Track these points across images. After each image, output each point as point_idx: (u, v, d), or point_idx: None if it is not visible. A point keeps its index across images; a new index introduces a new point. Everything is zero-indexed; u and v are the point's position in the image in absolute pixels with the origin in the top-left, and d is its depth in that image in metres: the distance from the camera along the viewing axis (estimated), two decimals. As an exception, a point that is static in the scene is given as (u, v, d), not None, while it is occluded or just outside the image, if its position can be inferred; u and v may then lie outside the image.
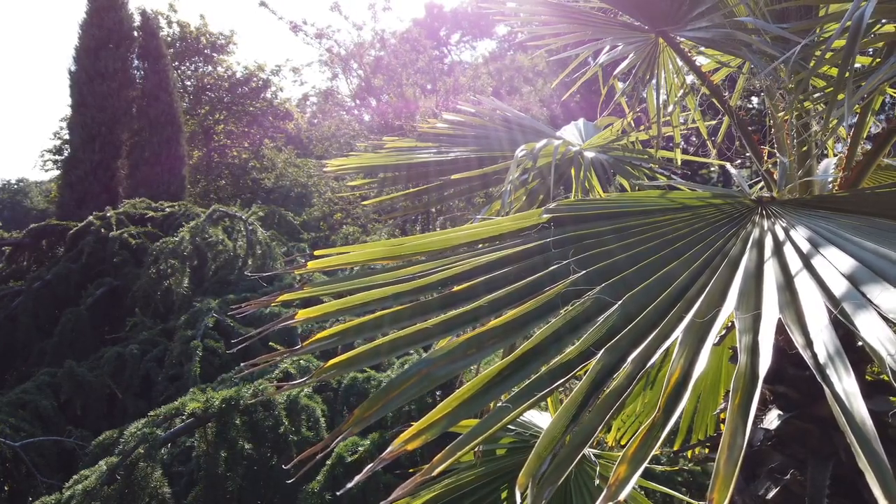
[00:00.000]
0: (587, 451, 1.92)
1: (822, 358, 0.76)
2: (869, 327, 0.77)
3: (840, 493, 1.18)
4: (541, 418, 2.08)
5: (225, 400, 3.40)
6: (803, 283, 0.91)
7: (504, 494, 1.83)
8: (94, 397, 5.23)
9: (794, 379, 1.30)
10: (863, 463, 0.63)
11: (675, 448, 2.17)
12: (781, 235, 1.08)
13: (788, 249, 1.03)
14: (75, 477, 3.20)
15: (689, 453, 2.49)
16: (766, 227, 1.13)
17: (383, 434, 3.37)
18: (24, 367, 6.36)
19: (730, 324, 1.06)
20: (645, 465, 0.69)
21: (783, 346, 1.26)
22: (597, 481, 1.82)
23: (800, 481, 1.21)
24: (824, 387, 0.72)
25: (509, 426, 1.97)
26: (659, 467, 3.03)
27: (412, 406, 3.39)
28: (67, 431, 4.77)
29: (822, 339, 0.79)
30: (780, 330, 0.85)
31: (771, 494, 1.25)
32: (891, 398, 1.27)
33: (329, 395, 4.07)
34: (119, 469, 3.12)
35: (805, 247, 1.01)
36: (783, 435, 1.29)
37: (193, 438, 3.67)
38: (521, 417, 2.03)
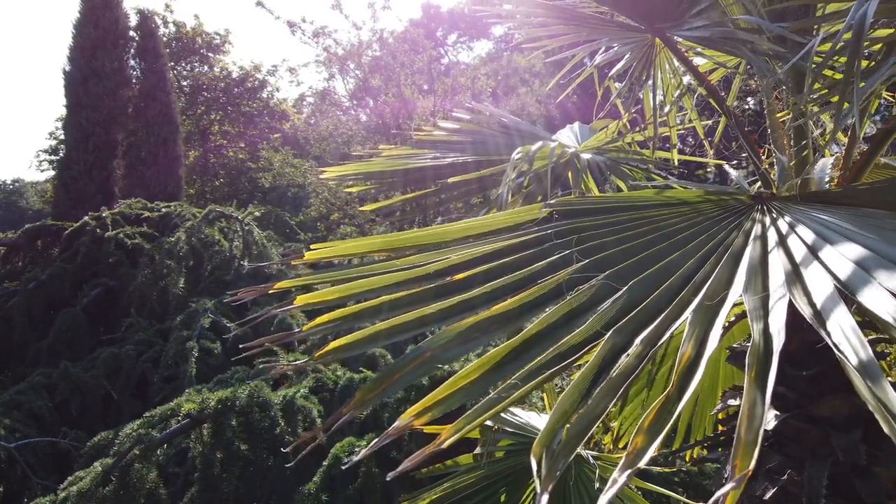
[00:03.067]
0: (585, 452, 1.92)
1: (836, 335, 0.77)
2: (878, 302, 0.79)
3: (837, 493, 1.18)
4: (539, 420, 2.08)
5: (221, 401, 3.38)
6: (810, 269, 0.92)
7: (503, 497, 1.82)
8: (90, 398, 5.20)
9: (792, 379, 1.30)
10: (892, 430, 0.63)
11: (675, 447, 2.17)
12: (785, 227, 1.09)
13: (793, 240, 1.03)
14: (70, 478, 3.18)
15: (686, 455, 2.49)
16: (767, 222, 1.14)
17: (380, 434, 3.36)
18: (20, 367, 6.33)
19: (727, 324, 1.06)
20: (662, 436, 0.70)
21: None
22: (596, 484, 1.82)
23: (797, 481, 1.21)
24: (843, 360, 0.73)
25: (508, 428, 1.97)
26: (656, 468, 3.03)
27: (410, 407, 3.38)
28: (63, 432, 4.75)
29: (836, 316, 0.80)
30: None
31: (768, 495, 1.25)
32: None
33: (325, 395, 4.05)
34: (114, 470, 3.10)
35: (810, 237, 1.02)
36: (780, 435, 1.29)
37: (189, 439, 3.65)
38: (519, 420, 2.03)
